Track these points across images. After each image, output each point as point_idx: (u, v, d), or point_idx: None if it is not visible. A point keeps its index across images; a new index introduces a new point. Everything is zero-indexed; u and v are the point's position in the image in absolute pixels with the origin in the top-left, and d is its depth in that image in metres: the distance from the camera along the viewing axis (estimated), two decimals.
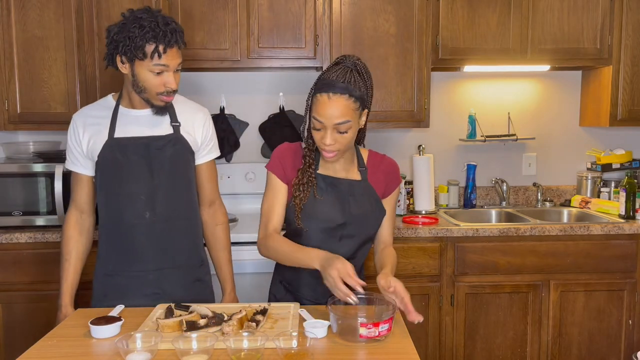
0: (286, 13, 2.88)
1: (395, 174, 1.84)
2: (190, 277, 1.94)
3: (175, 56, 1.76)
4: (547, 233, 2.77)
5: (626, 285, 2.82)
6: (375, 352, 1.44)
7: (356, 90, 1.60)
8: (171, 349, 1.41)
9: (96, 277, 1.93)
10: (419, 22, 2.92)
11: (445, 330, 2.80)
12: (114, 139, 1.84)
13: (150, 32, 1.70)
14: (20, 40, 2.81)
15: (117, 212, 1.86)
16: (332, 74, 1.61)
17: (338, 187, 1.74)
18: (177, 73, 1.81)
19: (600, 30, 3.01)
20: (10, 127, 2.87)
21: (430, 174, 3.16)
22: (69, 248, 1.92)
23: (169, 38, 1.72)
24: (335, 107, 1.59)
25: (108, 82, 2.84)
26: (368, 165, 1.80)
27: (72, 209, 1.94)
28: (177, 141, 1.87)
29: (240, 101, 3.27)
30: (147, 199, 1.84)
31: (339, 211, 1.72)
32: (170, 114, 1.89)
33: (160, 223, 1.85)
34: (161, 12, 1.78)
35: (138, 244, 1.85)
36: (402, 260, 2.73)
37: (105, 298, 1.88)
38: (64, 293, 1.90)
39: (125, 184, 1.84)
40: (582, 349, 2.85)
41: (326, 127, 1.61)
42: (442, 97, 3.37)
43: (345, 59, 1.65)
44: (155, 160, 1.84)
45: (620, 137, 3.43)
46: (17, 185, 2.72)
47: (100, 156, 1.84)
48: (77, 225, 1.94)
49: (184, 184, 1.91)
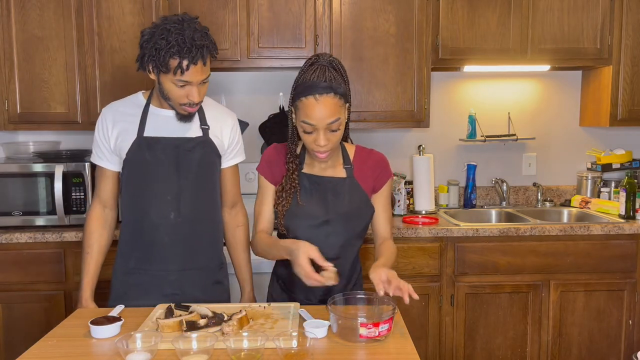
0: (286, 13, 2.88)
1: (384, 168, 1.82)
2: (210, 279, 1.94)
3: (199, 72, 1.73)
4: (547, 233, 2.77)
5: (626, 285, 2.82)
6: (375, 352, 1.44)
7: (339, 87, 1.61)
8: (171, 349, 1.41)
9: (115, 275, 1.93)
10: (419, 22, 2.92)
11: (445, 330, 2.80)
12: (143, 137, 1.84)
13: (176, 46, 1.67)
14: (20, 40, 2.81)
15: (142, 211, 1.86)
16: (310, 75, 1.62)
17: (322, 186, 1.75)
18: (203, 85, 1.79)
19: (600, 30, 3.01)
20: (10, 127, 2.87)
21: (430, 174, 3.16)
22: (91, 241, 1.91)
23: (193, 54, 1.68)
24: (324, 107, 1.59)
25: (108, 82, 2.84)
26: (355, 162, 1.80)
27: (96, 203, 1.94)
28: (205, 144, 1.88)
29: (240, 101, 3.27)
30: (173, 199, 1.85)
31: (322, 209, 1.73)
32: (200, 117, 1.90)
33: (185, 224, 1.86)
34: (194, 23, 1.74)
35: (161, 243, 1.86)
36: (402, 260, 2.73)
37: (125, 296, 1.88)
38: (84, 287, 1.89)
39: (152, 183, 1.85)
40: (582, 349, 2.85)
41: (318, 128, 1.61)
42: (442, 97, 3.37)
43: (319, 58, 1.66)
44: (183, 161, 1.85)
45: (620, 137, 3.43)
46: (17, 185, 2.72)
47: (129, 154, 1.85)
48: (100, 219, 1.93)
49: (210, 186, 1.92)
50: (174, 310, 1.62)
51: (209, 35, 1.76)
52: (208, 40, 1.74)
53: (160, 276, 1.87)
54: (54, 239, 2.64)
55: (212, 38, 1.77)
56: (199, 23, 1.76)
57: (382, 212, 1.82)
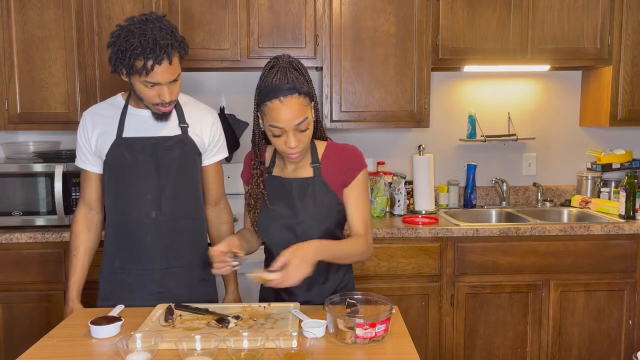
0: (286, 13, 2.88)
1: (355, 161, 1.74)
2: (196, 277, 1.94)
3: (166, 72, 1.71)
4: (547, 233, 2.77)
5: (626, 285, 2.82)
6: (375, 352, 1.44)
7: (302, 87, 1.61)
8: (172, 349, 1.41)
9: (102, 275, 1.95)
10: (419, 22, 2.92)
11: (445, 330, 2.80)
12: (122, 138, 1.86)
13: (139, 47, 1.66)
14: (20, 40, 2.81)
15: (123, 211, 1.87)
16: (272, 78, 1.61)
17: (289, 188, 1.74)
18: (175, 84, 1.78)
19: (600, 30, 3.01)
20: (10, 127, 2.87)
21: (430, 174, 3.16)
22: (77, 243, 1.94)
23: (157, 54, 1.66)
24: (290, 109, 1.59)
25: (108, 82, 2.84)
26: (323, 159, 1.76)
27: (81, 205, 1.97)
28: (184, 142, 1.88)
29: (240, 101, 3.26)
30: (154, 199, 1.86)
31: (290, 211, 1.72)
32: (179, 115, 1.90)
33: (166, 222, 1.87)
34: (160, 21, 1.73)
35: (144, 242, 1.87)
36: (402, 260, 2.73)
37: (111, 296, 1.89)
38: (71, 287, 1.91)
39: (132, 183, 1.86)
40: (582, 349, 2.85)
41: (287, 131, 1.61)
42: (442, 97, 3.37)
43: (278, 60, 1.65)
44: (162, 160, 1.85)
45: (620, 137, 3.43)
46: (17, 185, 2.72)
47: (109, 155, 1.86)
48: (85, 222, 1.96)
49: (191, 184, 1.93)
50: (174, 310, 1.62)
51: (175, 34, 1.74)
52: (173, 39, 1.72)
53: (145, 275, 1.88)
54: (54, 239, 2.64)
55: (179, 36, 1.75)
56: (165, 22, 1.75)
57: (353, 206, 1.73)
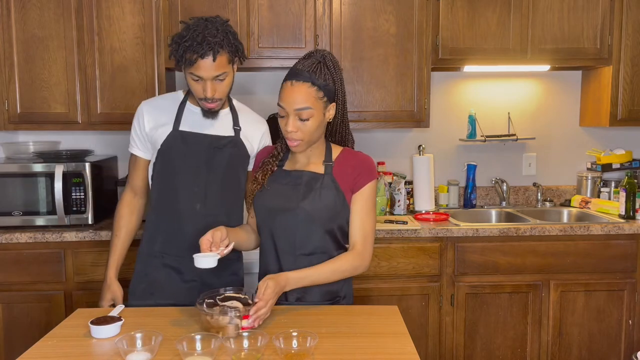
0: (286, 13, 2.88)
1: (367, 169, 1.75)
2: (227, 271, 2.01)
3: (209, 67, 1.78)
4: (547, 233, 2.77)
5: (626, 285, 2.82)
6: (376, 352, 1.44)
7: (320, 80, 1.64)
8: (172, 348, 1.41)
9: (140, 257, 2.03)
10: (419, 22, 2.92)
11: (445, 330, 2.80)
12: (178, 131, 1.94)
13: (189, 41, 1.76)
14: (20, 40, 2.81)
15: (170, 199, 1.95)
16: (300, 64, 1.67)
17: (297, 178, 1.74)
18: (220, 82, 1.84)
19: (600, 30, 3.01)
20: (10, 127, 2.87)
21: (430, 174, 3.16)
22: (120, 225, 2.05)
23: (203, 49, 1.75)
24: (296, 93, 1.63)
25: (108, 82, 2.84)
26: (337, 160, 1.76)
27: (128, 189, 2.07)
28: (236, 144, 1.97)
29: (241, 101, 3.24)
30: (200, 192, 1.94)
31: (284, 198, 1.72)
32: (233, 118, 2.00)
33: (209, 216, 1.93)
34: (219, 24, 1.81)
35: (186, 232, 1.93)
36: (402, 260, 2.73)
37: (146, 278, 1.99)
38: (110, 265, 2.02)
39: (183, 174, 1.94)
40: (582, 349, 2.85)
41: (288, 113, 1.65)
42: (442, 97, 3.37)
43: (316, 52, 1.71)
44: (214, 157, 1.94)
45: (620, 137, 3.43)
46: (17, 185, 2.72)
47: (164, 145, 1.94)
48: (129, 206, 2.06)
49: (236, 183, 2.01)
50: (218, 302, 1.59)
51: (229, 36, 1.81)
52: (224, 39, 1.79)
53: (182, 262, 1.94)
54: (54, 239, 2.64)
55: (232, 40, 1.83)
56: (225, 25, 1.83)
57: (356, 214, 1.73)
